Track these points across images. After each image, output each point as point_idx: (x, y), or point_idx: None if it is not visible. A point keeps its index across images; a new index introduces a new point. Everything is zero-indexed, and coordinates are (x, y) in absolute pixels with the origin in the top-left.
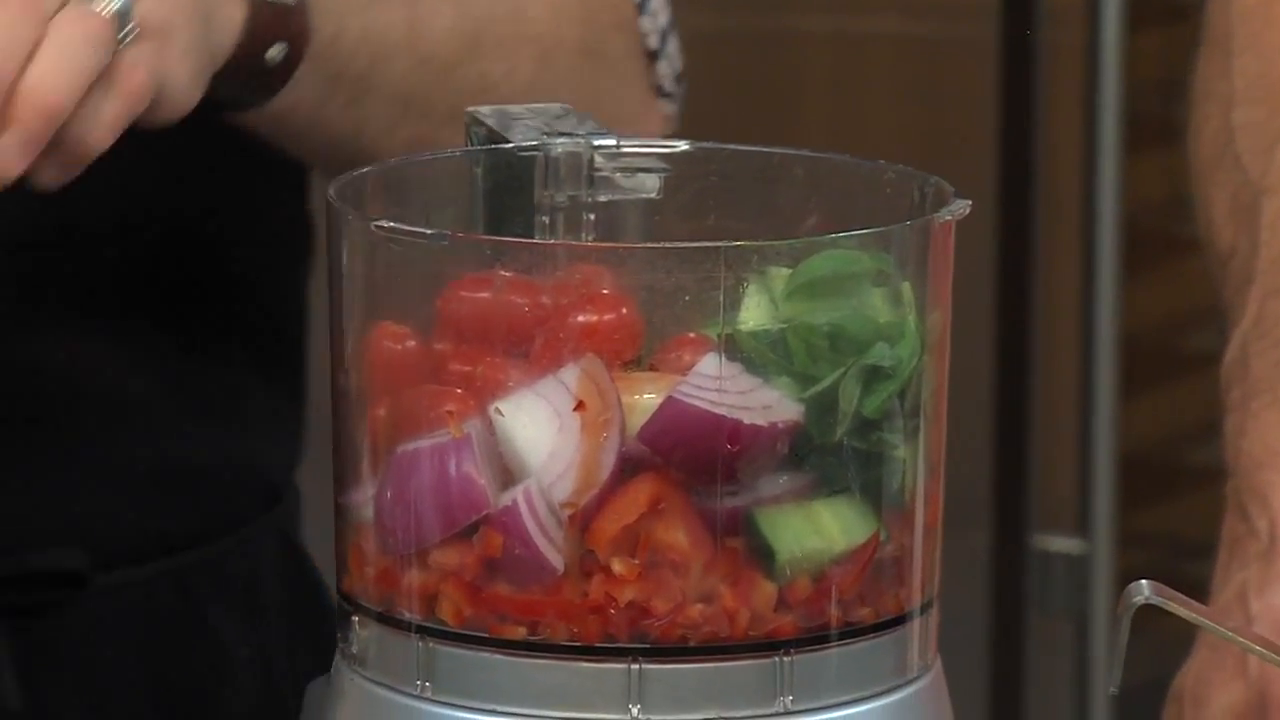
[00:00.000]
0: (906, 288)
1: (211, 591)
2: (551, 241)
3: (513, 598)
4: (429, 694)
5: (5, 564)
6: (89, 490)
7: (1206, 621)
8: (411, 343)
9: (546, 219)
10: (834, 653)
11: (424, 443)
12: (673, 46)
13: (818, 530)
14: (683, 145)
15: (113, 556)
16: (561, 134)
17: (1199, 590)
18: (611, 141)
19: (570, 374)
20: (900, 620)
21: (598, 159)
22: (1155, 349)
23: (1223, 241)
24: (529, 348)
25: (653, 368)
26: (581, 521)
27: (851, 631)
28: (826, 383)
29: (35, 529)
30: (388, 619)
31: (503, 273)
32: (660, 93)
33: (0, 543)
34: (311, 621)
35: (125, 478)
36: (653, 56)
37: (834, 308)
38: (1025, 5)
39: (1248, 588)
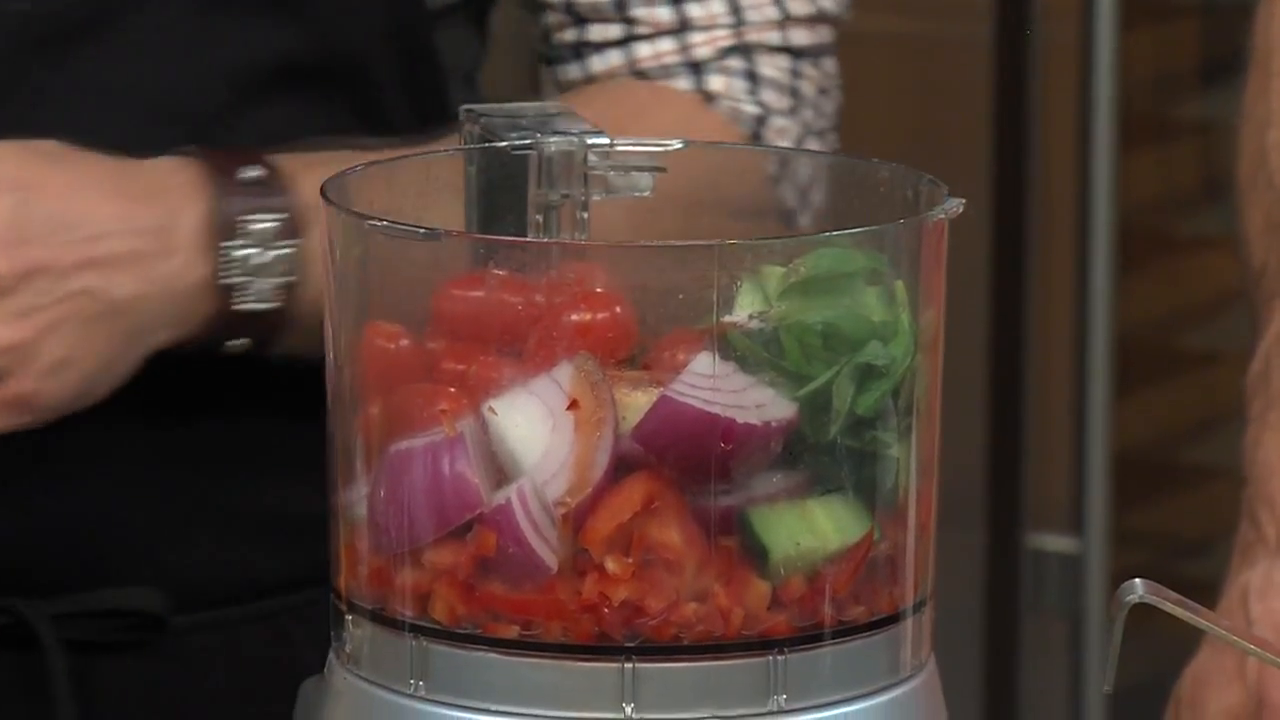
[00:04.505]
0: (900, 286)
1: (303, 635)
2: (545, 240)
3: (506, 597)
4: (422, 693)
5: (83, 599)
6: (175, 531)
7: (1200, 620)
8: (405, 341)
9: (540, 217)
10: (828, 651)
11: (417, 441)
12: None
13: (811, 529)
14: (676, 144)
15: (197, 599)
16: (555, 132)
17: (1193, 589)
18: (605, 140)
19: (564, 372)
20: (894, 619)
21: (591, 157)
22: (1149, 347)
23: (1255, 258)
24: (522, 346)
25: (646, 366)
26: (575, 520)
27: (845, 630)
28: (820, 381)
29: (117, 568)
30: (381, 618)
31: (496, 271)
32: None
33: (82, 578)
34: None
35: (217, 522)
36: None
37: (828, 306)
38: (1020, 4)
39: (1249, 591)
